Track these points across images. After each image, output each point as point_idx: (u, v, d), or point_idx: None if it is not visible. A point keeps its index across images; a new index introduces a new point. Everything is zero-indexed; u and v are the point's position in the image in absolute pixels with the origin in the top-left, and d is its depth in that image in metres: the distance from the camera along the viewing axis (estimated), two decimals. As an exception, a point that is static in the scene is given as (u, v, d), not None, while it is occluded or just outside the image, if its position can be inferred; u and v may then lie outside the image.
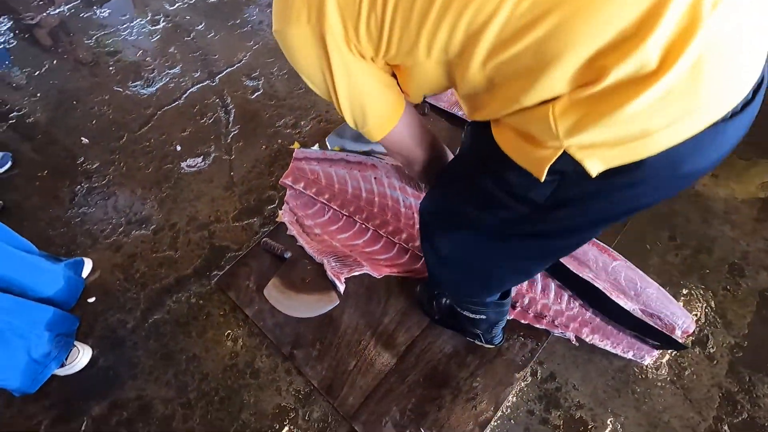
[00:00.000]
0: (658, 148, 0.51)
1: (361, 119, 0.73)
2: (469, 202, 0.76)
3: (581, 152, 0.53)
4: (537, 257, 0.81)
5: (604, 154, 0.53)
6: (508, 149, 0.61)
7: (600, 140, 0.52)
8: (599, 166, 0.54)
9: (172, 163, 1.93)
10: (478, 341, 1.29)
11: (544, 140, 0.55)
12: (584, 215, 0.65)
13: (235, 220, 1.71)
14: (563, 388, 1.28)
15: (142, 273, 1.62)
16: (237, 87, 2.19)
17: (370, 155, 1.44)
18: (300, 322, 1.43)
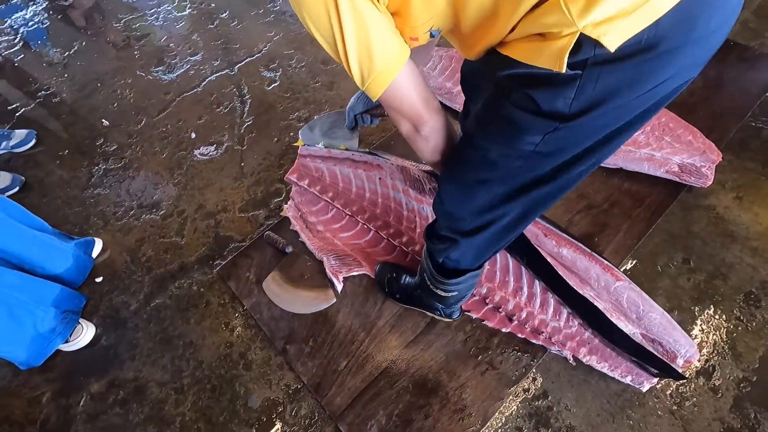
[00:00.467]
0: (666, 5, 0.52)
1: (367, 64, 0.70)
2: (497, 139, 0.73)
3: (597, 30, 0.53)
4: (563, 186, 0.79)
5: (618, 27, 0.53)
6: (525, 57, 0.60)
7: (613, 12, 0.52)
8: (617, 40, 0.53)
9: (186, 150, 1.96)
10: (437, 315, 1.33)
11: (559, 30, 0.55)
12: (614, 110, 0.63)
13: (242, 211, 1.73)
14: (555, 407, 1.25)
15: (148, 257, 1.66)
16: (255, 77, 2.20)
17: (375, 155, 1.43)
18: (295, 318, 1.44)
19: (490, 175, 0.79)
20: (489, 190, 0.82)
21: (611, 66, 0.57)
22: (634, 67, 0.57)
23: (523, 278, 1.31)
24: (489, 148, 0.74)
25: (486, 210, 0.85)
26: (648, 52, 0.55)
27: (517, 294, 1.31)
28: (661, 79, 0.60)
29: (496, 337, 1.34)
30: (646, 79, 0.60)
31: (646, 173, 1.57)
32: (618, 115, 0.66)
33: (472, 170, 0.81)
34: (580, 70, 0.57)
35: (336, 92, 2.06)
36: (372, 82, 0.72)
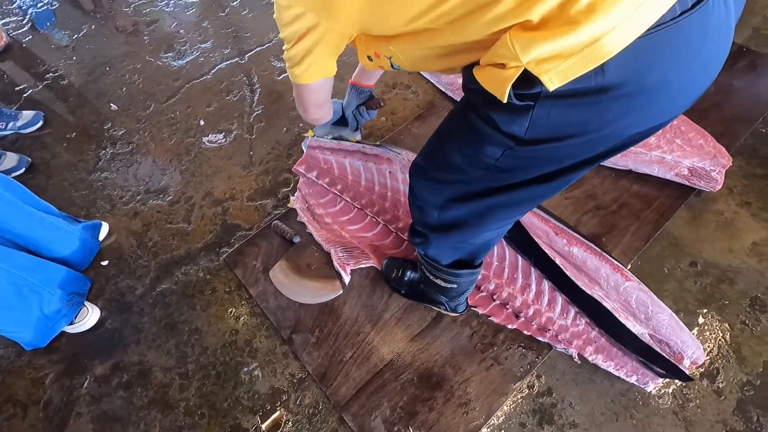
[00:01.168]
0: (610, 50, 0.52)
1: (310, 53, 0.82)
2: (462, 145, 0.76)
3: (539, 67, 0.54)
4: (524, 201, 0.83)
5: (558, 67, 0.54)
6: (482, 80, 0.63)
7: (549, 54, 0.53)
8: (557, 80, 0.54)
9: (194, 137, 1.95)
10: (443, 310, 1.33)
11: (507, 62, 0.57)
12: (571, 146, 0.65)
13: (249, 200, 1.73)
14: (559, 404, 1.26)
15: (155, 242, 1.66)
16: (265, 67, 2.19)
17: (386, 148, 1.42)
18: (301, 308, 1.44)
19: (453, 176, 0.82)
20: (454, 189, 0.85)
21: (562, 102, 0.58)
22: (586, 107, 0.59)
23: (532, 275, 1.31)
24: (453, 151, 0.77)
25: (451, 207, 0.89)
26: (600, 94, 0.57)
27: (524, 291, 1.31)
28: (620, 123, 0.61)
29: (501, 334, 1.35)
30: (602, 120, 0.61)
31: (656, 176, 1.57)
32: (575, 151, 0.68)
33: (437, 169, 0.86)
34: (533, 102, 0.59)
35: (346, 84, 2.05)
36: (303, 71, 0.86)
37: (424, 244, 1.05)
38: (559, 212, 1.53)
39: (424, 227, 1.01)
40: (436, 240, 1.00)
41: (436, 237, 0.99)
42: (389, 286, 1.42)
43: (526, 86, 0.56)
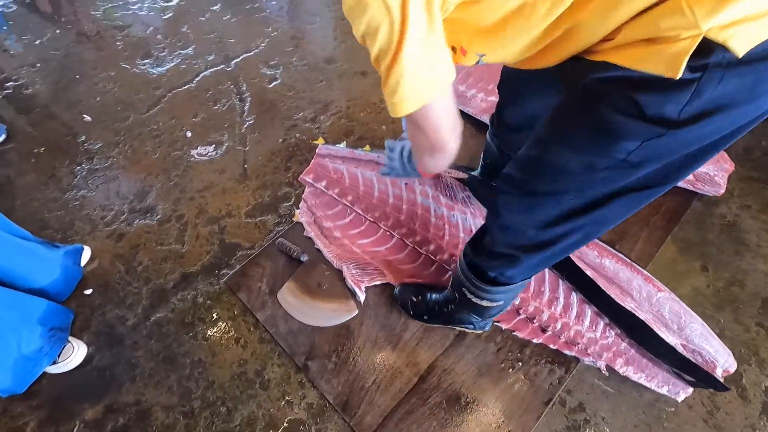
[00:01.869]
0: None
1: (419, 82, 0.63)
2: (583, 146, 0.67)
3: (723, 33, 0.50)
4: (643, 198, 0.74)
5: (747, 30, 0.49)
6: (630, 62, 0.56)
7: (740, 16, 0.49)
8: (746, 44, 0.50)
9: (182, 150, 1.81)
10: (469, 329, 1.28)
11: (677, 34, 0.52)
12: (726, 118, 0.59)
13: (248, 216, 1.62)
14: (592, 420, 1.23)
15: (145, 266, 1.51)
16: (254, 74, 2.08)
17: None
18: (315, 331, 1.35)
19: (564, 186, 0.73)
20: (559, 202, 0.76)
21: (735, 70, 0.53)
22: (756, 73, 0.54)
23: (560, 288, 1.28)
24: (569, 156, 0.68)
25: (553, 223, 0.80)
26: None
27: (552, 304, 1.28)
28: None
29: (527, 348, 1.31)
30: (766, 87, 0.57)
31: (662, 181, 1.59)
32: (726, 123, 0.62)
33: (541, 181, 0.76)
34: (700, 73, 0.54)
35: (342, 93, 1.98)
36: (403, 99, 0.64)
37: (506, 265, 0.93)
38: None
39: (513, 248, 0.89)
40: (528, 260, 0.89)
41: (528, 257, 0.88)
42: (407, 313, 1.34)
43: (698, 57, 0.52)
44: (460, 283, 1.09)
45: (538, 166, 0.76)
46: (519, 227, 0.84)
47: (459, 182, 1.26)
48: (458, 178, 1.27)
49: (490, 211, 0.92)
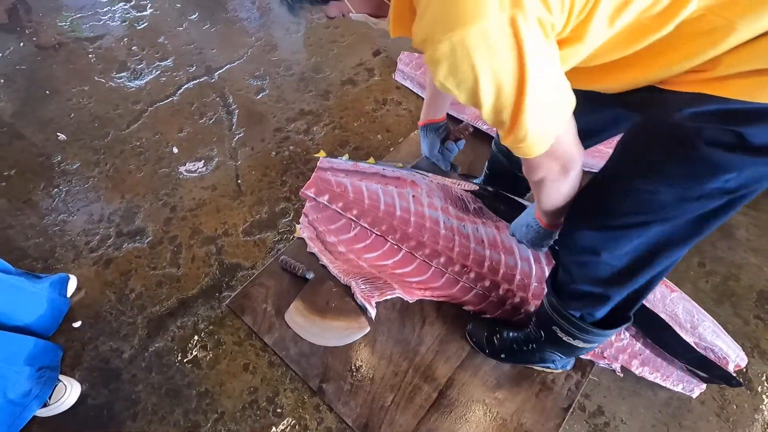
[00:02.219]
0: None
1: (549, 121, 0.62)
2: (679, 180, 0.66)
3: None
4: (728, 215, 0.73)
5: None
6: (743, 93, 0.55)
7: None
8: None
9: (169, 167, 1.72)
10: (550, 368, 1.23)
11: None
12: None
13: (246, 234, 1.55)
14: (612, 422, 1.23)
15: (138, 293, 1.42)
16: (239, 85, 2.01)
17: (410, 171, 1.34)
18: (328, 352, 1.30)
19: (653, 216, 0.72)
20: (646, 231, 0.75)
21: None
22: None
23: None
24: (660, 190, 0.67)
25: (639, 253, 0.78)
26: None
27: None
28: None
29: (543, 355, 1.30)
30: None
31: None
32: None
33: (627, 215, 0.74)
34: None
35: (333, 102, 1.94)
36: (534, 143, 0.63)
37: (595, 305, 0.90)
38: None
39: (596, 284, 0.86)
40: (618, 294, 0.87)
41: (617, 291, 0.86)
42: (482, 352, 1.28)
43: None
44: (549, 321, 1.04)
45: (622, 202, 0.74)
46: (596, 261, 0.82)
47: (470, 194, 1.25)
48: (469, 189, 1.25)
49: (565, 249, 0.89)
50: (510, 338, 1.23)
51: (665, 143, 0.65)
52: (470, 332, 1.31)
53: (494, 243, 1.27)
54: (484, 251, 1.29)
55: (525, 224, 1.00)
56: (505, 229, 1.25)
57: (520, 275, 1.27)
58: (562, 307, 0.97)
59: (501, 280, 1.29)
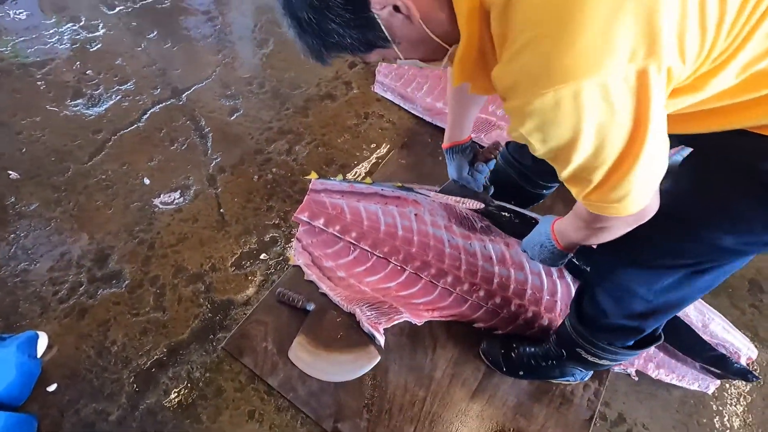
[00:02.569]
0: None
1: (652, 179, 0.59)
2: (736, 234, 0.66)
3: None
4: None
5: None
6: None
7: None
8: None
9: (142, 201, 1.59)
10: (569, 381, 1.21)
11: None
12: None
13: (235, 268, 1.44)
14: (634, 429, 1.22)
15: (121, 345, 1.28)
16: (210, 107, 1.89)
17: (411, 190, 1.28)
18: (339, 388, 1.22)
19: (708, 257, 0.71)
20: (697, 273, 0.74)
21: None
22: None
23: None
24: (726, 238, 0.66)
25: (687, 293, 0.78)
26: None
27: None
28: None
29: (559, 367, 1.28)
30: None
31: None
32: None
33: (683, 257, 0.73)
34: None
35: (313, 119, 1.86)
36: (632, 202, 0.60)
37: (627, 338, 0.90)
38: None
39: (629, 319, 0.85)
40: (653, 326, 0.87)
41: (653, 324, 0.86)
42: (499, 370, 1.23)
43: None
44: (572, 344, 1.02)
45: (683, 244, 0.72)
46: (638, 296, 0.80)
47: (476, 212, 1.21)
48: (473, 208, 1.21)
49: (599, 282, 0.87)
50: (527, 353, 1.20)
51: (750, 192, 0.62)
52: (485, 351, 1.27)
53: (503, 259, 1.24)
54: (492, 268, 1.25)
55: (539, 244, 0.96)
56: (515, 245, 1.22)
57: (531, 290, 1.24)
58: (590, 335, 0.95)
59: (512, 295, 1.26)
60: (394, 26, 0.61)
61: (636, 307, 0.83)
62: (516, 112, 0.54)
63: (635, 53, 0.46)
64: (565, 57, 0.47)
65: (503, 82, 0.55)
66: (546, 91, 0.49)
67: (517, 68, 0.52)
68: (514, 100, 0.54)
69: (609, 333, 0.92)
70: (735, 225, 0.66)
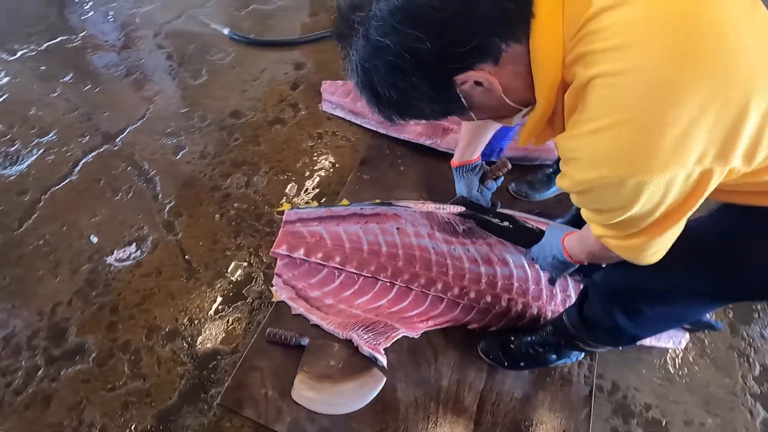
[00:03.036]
0: None
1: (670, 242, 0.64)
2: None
3: None
4: None
5: None
6: None
7: None
8: None
9: (93, 261, 1.44)
10: (567, 362, 1.27)
11: None
12: None
13: (216, 315, 1.35)
14: (628, 394, 1.32)
15: (100, 426, 1.15)
16: (151, 148, 1.77)
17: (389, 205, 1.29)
18: (351, 418, 1.19)
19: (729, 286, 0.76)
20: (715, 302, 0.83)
21: None
22: None
23: (570, 287, 1.34)
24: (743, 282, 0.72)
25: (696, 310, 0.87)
26: None
27: (565, 303, 1.34)
28: None
29: (553, 350, 1.34)
30: None
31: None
32: None
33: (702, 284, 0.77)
34: None
35: (266, 146, 1.80)
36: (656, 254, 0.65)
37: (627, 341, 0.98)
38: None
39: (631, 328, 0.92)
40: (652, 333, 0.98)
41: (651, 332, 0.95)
42: (501, 365, 1.26)
43: None
44: (571, 336, 1.08)
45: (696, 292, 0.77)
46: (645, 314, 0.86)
47: (457, 216, 1.24)
48: (455, 212, 1.24)
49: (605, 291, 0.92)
50: (525, 343, 1.25)
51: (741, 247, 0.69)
52: (484, 350, 1.30)
53: (488, 259, 1.28)
54: (479, 268, 1.29)
55: (550, 256, 1.02)
56: (497, 243, 1.27)
57: (517, 282, 1.30)
58: (589, 335, 1.02)
59: (500, 291, 1.30)
60: (474, 97, 0.65)
61: (640, 320, 0.88)
62: (575, 176, 0.59)
63: (705, 156, 0.50)
64: (643, 152, 0.50)
65: (572, 152, 0.59)
66: (611, 175, 0.53)
67: (592, 144, 0.55)
68: (578, 169, 0.58)
69: (609, 335, 0.98)
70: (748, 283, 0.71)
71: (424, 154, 1.76)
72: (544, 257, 1.04)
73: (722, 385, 1.36)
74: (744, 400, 1.34)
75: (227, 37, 2.22)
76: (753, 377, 1.38)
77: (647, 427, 1.27)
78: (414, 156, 1.77)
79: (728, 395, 1.34)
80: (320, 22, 2.37)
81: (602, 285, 0.93)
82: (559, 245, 0.97)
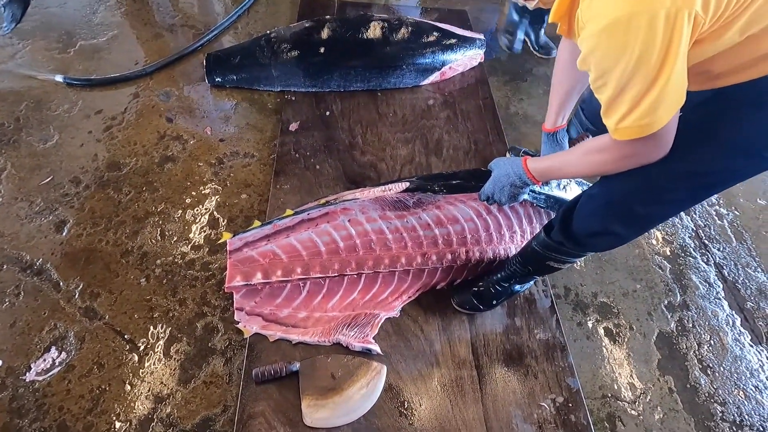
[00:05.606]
0: None
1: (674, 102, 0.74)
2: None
3: None
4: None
5: None
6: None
7: None
8: None
9: (7, 388, 1.18)
10: (527, 287, 1.41)
11: None
12: None
13: (188, 382, 1.22)
14: (578, 291, 1.53)
15: None
16: (25, 235, 1.47)
17: (337, 203, 1.27)
18: (369, 418, 1.19)
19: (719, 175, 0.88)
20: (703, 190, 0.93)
21: None
22: None
23: (515, 225, 1.48)
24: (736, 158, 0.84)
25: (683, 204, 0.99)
26: None
27: (513, 239, 1.48)
28: None
29: (511, 280, 1.50)
30: None
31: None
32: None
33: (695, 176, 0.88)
34: None
35: (164, 190, 1.62)
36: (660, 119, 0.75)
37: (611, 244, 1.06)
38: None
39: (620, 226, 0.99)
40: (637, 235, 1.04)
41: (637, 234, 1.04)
42: (477, 310, 1.37)
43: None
44: (543, 258, 1.16)
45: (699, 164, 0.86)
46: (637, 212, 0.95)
47: (405, 193, 1.27)
48: (402, 190, 1.28)
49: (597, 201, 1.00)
50: (492, 282, 1.36)
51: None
52: (459, 303, 1.39)
53: (439, 221, 1.36)
54: (433, 231, 1.36)
55: (508, 184, 1.14)
56: (445, 205, 1.34)
57: (470, 234, 1.40)
58: (573, 246, 1.07)
59: (457, 246, 1.40)
60: None
61: (629, 219, 0.97)
62: (591, 34, 0.72)
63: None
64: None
65: (589, 11, 0.73)
66: (618, 15, 0.67)
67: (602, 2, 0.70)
68: (593, 23, 0.71)
69: (595, 240, 1.04)
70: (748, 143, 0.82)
71: (330, 147, 1.77)
72: (501, 188, 1.16)
73: (635, 255, 1.66)
74: (653, 260, 1.66)
75: (63, 85, 1.91)
76: (655, 240, 1.71)
77: (600, 310, 1.50)
78: (323, 152, 1.76)
79: (643, 262, 1.65)
80: (160, 44, 2.16)
81: (600, 196, 1.00)
82: (519, 171, 1.09)
